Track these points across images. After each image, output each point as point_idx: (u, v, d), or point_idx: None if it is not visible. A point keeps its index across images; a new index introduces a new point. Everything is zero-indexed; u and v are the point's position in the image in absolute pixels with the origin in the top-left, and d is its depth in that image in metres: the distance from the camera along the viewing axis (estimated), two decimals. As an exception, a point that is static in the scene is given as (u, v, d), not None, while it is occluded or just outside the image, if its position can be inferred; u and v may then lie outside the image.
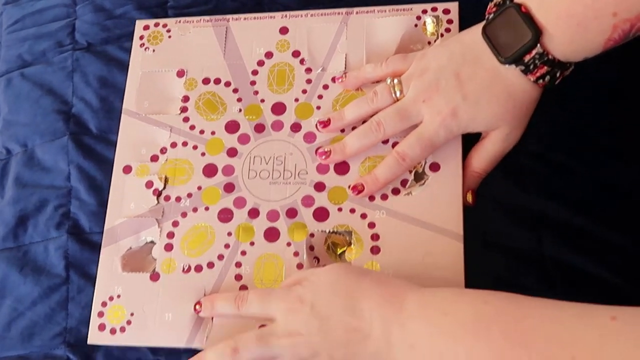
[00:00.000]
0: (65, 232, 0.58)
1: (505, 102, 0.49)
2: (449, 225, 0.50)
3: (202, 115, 0.58)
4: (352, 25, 0.58)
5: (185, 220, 0.55)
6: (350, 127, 0.54)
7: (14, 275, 0.58)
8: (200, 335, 0.51)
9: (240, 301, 0.49)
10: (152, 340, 0.52)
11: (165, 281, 0.53)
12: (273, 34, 0.60)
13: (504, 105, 0.49)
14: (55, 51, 0.67)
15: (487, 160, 0.51)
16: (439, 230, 0.50)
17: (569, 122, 0.54)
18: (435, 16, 0.57)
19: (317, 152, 0.54)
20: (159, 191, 0.56)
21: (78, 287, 0.56)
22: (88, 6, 0.68)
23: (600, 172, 0.52)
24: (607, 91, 0.55)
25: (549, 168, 0.53)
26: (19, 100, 0.65)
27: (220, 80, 0.59)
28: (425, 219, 0.50)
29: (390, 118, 0.51)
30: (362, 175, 0.53)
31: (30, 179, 0.61)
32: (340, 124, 0.54)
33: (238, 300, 0.49)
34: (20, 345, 0.56)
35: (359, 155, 0.53)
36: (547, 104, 0.52)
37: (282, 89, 0.58)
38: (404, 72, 0.52)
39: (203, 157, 0.56)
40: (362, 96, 0.54)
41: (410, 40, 0.57)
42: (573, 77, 0.54)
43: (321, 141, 0.55)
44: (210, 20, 0.62)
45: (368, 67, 0.55)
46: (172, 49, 0.61)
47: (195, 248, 0.53)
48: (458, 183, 0.51)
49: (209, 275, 0.52)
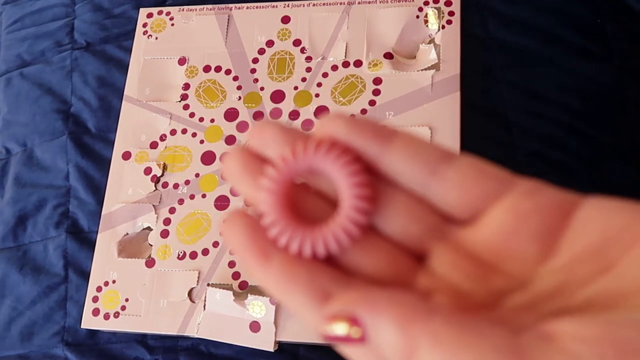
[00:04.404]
0: (64, 232, 0.58)
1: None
2: None
3: (202, 102, 0.58)
4: (353, 15, 0.58)
5: (182, 207, 0.54)
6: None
7: (14, 274, 0.58)
8: (192, 324, 0.50)
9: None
10: (146, 326, 0.52)
11: (160, 267, 0.53)
12: (275, 22, 0.60)
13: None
14: (54, 51, 0.66)
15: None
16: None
17: (568, 121, 0.53)
18: (437, 8, 0.56)
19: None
20: (157, 177, 0.56)
21: (76, 286, 0.56)
22: (87, 5, 0.68)
23: (599, 171, 0.52)
24: (607, 90, 0.54)
25: (548, 167, 0.52)
26: (18, 100, 0.65)
27: (221, 68, 0.59)
28: None
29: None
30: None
31: (29, 179, 0.61)
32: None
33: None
34: (19, 344, 0.56)
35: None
36: (547, 103, 0.52)
37: (282, 77, 0.57)
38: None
39: (202, 145, 0.56)
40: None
41: (412, 31, 0.56)
42: (573, 76, 0.54)
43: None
44: (213, 8, 0.62)
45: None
46: (174, 36, 0.61)
47: (191, 235, 0.53)
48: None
49: (204, 262, 0.52)
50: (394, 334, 0.17)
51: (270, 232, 0.20)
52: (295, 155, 0.20)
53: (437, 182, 0.20)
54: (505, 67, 0.55)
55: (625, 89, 0.54)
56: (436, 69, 0.54)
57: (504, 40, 0.56)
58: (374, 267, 0.20)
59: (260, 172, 0.21)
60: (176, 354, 0.52)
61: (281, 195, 0.20)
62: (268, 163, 0.21)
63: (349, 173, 0.20)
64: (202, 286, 0.51)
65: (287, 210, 0.20)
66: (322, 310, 0.18)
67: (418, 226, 0.20)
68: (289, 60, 0.58)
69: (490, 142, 0.53)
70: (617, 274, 0.18)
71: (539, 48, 0.55)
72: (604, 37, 0.55)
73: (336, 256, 0.20)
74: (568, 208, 0.19)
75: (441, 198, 0.20)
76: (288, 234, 0.20)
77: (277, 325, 0.49)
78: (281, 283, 0.19)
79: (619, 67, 0.54)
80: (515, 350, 0.16)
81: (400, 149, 0.20)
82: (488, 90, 0.55)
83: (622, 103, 0.54)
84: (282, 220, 0.20)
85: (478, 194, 0.20)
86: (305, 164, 0.20)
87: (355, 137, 0.20)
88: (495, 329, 0.16)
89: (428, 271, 0.20)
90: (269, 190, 0.20)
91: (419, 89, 0.53)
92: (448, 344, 0.16)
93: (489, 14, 0.57)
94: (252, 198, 0.21)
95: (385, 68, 0.55)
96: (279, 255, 0.20)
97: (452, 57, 0.54)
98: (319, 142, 0.20)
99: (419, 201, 0.20)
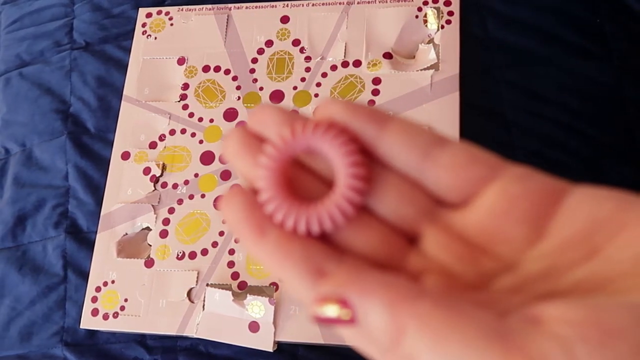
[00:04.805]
0: (63, 232, 0.58)
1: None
2: None
3: (201, 102, 0.58)
4: (352, 15, 0.58)
5: (181, 207, 0.54)
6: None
7: (13, 274, 0.58)
8: (191, 324, 0.50)
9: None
10: (145, 327, 0.52)
11: (160, 268, 0.53)
12: (274, 22, 0.60)
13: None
14: (53, 50, 0.66)
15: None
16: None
17: (567, 121, 0.53)
18: (436, 8, 0.56)
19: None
20: (156, 177, 0.56)
21: (75, 287, 0.56)
22: (86, 5, 0.68)
23: (598, 171, 0.52)
24: (607, 90, 0.54)
25: (547, 167, 0.52)
26: (18, 99, 0.65)
27: (220, 68, 0.59)
28: None
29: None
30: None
31: (28, 179, 0.61)
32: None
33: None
34: (19, 344, 0.56)
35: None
36: (546, 103, 0.52)
37: (281, 77, 0.57)
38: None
39: (201, 145, 0.56)
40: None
41: (411, 31, 0.56)
42: (572, 76, 0.54)
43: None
44: (212, 8, 0.61)
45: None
46: (173, 36, 0.61)
47: (190, 235, 0.53)
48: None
49: (203, 263, 0.52)
50: (382, 316, 0.17)
51: (267, 208, 0.20)
52: (294, 134, 0.21)
53: (430, 166, 0.20)
54: (504, 67, 0.55)
55: (625, 89, 0.54)
56: (435, 69, 0.54)
57: (503, 40, 0.56)
58: (367, 246, 0.21)
59: (259, 151, 0.21)
60: (175, 354, 0.52)
61: (279, 173, 0.21)
62: (267, 142, 0.21)
63: (345, 153, 0.20)
64: (201, 286, 0.51)
65: (284, 188, 0.21)
66: (314, 290, 0.19)
67: (411, 208, 0.21)
68: (288, 60, 0.58)
69: (489, 142, 0.52)
70: (603, 258, 0.18)
71: (538, 48, 0.55)
72: (603, 37, 0.55)
73: (330, 234, 0.21)
74: (557, 194, 0.20)
75: (434, 181, 0.21)
76: (284, 210, 0.20)
77: (276, 325, 0.49)
78: (276, 258, 0.20)
79: (619, 67, 0.54)
80: (502, 333, 0.16)
81: (395, 132, 0.21)
82: (487, 90, 0.55)
83: (621, 103, 0.54)
84: (278, 197, 0.20)
85: (470, 178, 0.20)
86: (303, 144, 0.21)
87: (353, 119, 0.21)
88: (482, 312, 0.17)
89: (419, 252, 0.21)
90: (267, 167, 0.21)
91: (418, 89, 0.53)
92: (435, 326, 0.16)
93: (488, 13, 0.57)
94: (250, 176, 0.21)
95: (384, 68, 0.55)
96: (274, 231, 0.20)
97: (451, 57, 0.54)
98: (317, 123, 0.21)
99: (412, 184, 0.21)
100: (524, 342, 0.16)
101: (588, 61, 0.54)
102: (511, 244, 0.20)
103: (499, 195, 0.20)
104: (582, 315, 0.16)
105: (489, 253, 0.20)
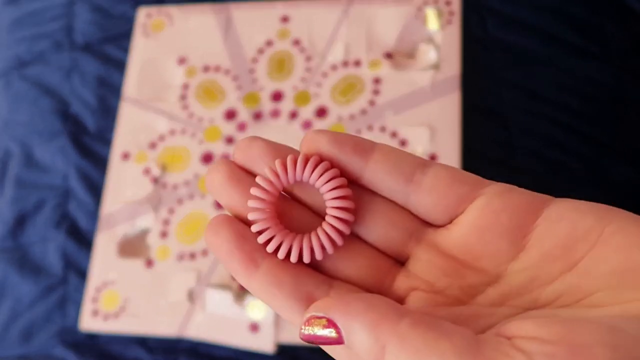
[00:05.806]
0: (63, 232, 0.58)
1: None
2: None
3: (201, 102, 0.58)
4: (353, 15, 0.58)
5: (181, 208, 0.54)
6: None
7: (13, 275, 0.58)
8: (191, 324, 0.50)
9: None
10: (145, 327, 0.51)
11: (160, 268, 0.53)
12: (274, 22, 0.60)
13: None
14: (53, 51, 0.66)
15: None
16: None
17: (567, 121, 0.53)
18: (437, 8, 0.56)
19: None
20: (156, 178, 0.56)
21: (76, 287, 0.56)
22: (85, 6, 0.67)
23: (598, 171, 0.52)
24: (607, 90, 0.54)
25: (547, 166, 0.52)
26: (18, 100, 0.65)
27: (220, 68, 0.59)
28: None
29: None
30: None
31: (28, 179, 0.61)
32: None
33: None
34: (19, 345, 0.56)
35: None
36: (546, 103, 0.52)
37: (281, 77, 0.57)
38: None
39: (201, 145, 0.56)
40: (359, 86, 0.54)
41: (411, 31, 0.56)
42: (572, 76, 0.54)
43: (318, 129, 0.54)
44: (212, 8, 0.61)
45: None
46: (173, 36, 0.61)
47: (190, 235, 0.53)
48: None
49: (203, 263, 0.52)
50: (365, 336, 0.18)
51: (261, 238, 0.21)
52: (284, 168, 0.22)
53: (414, 190, 0.21)
54: (504, 67, 0.55)
55: (625, 89, 0.54)
56: (436, 69, 0.54)
57: (504, 40, 0.56)
58: (356, 271, 0.22)
59: (246, 183, 0.22)
60: (175, 354, 0.52)
61: (271, 205, 0.22)
62: (254, 176, 0.22)
63: (332, 187, 0.21)
64: (201, 287, 0.51)
65: (275, 219, 0.22)
66: (304, 316, 0.20)
67: (398, 232, 0.22)
68: (287, 60, 0.58)
69: (489, 142, 0.53)
70: (581, 271, 0.19)
71: (538, 48, 0.55)
72: (603, 37, 0.55)
73: (320, 262, 0.22)
74: (537, 207, 0.20)
75: (419, 204, 0.22)
76: (278, 240, 0.21)
77: (277, 326, 0.49)
78: (268, 288, 0.21)
79: (619, 67, 0.54)
80: (475, 349, 0.17)
81: (379, 161, 0.22)
82: (487, 90, 0.55)
83: (621, 103, 0.54)
84: (272, 228, 0.21)
85: (452, 198, 0.21)
86: (292, 177, 0.22)
87: (338, 152, 0.22)
88: (459, 329, 0.18)
89: (407, 273, 0.22)
90: (260, 199, 0.21)
91: (418, 89, 0.53)
92: (413, 344, 0.17)
93: (489, 13, 0.57)
94: (237, 208, 0.22)
95: (384, 68, 0.55)
96: (265, 261, 0.21)
97: (451, 57, 0.54)
98: (306, 157, 0.22)
99: (399, 208, 0.22)
100: (494, 357, 0.17)
101: (588, 61, 0.54)
102: (494, 257, 0.20)
103: (481, 211, 0.21)
104: (553, 333, 0.17)
105: (474, 268, 0.21)
